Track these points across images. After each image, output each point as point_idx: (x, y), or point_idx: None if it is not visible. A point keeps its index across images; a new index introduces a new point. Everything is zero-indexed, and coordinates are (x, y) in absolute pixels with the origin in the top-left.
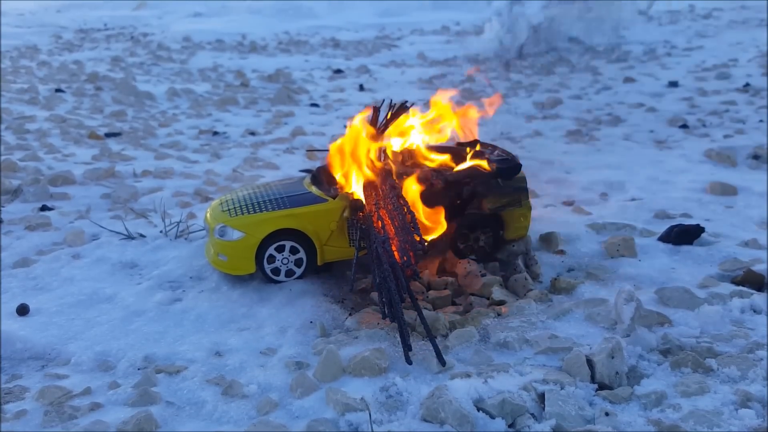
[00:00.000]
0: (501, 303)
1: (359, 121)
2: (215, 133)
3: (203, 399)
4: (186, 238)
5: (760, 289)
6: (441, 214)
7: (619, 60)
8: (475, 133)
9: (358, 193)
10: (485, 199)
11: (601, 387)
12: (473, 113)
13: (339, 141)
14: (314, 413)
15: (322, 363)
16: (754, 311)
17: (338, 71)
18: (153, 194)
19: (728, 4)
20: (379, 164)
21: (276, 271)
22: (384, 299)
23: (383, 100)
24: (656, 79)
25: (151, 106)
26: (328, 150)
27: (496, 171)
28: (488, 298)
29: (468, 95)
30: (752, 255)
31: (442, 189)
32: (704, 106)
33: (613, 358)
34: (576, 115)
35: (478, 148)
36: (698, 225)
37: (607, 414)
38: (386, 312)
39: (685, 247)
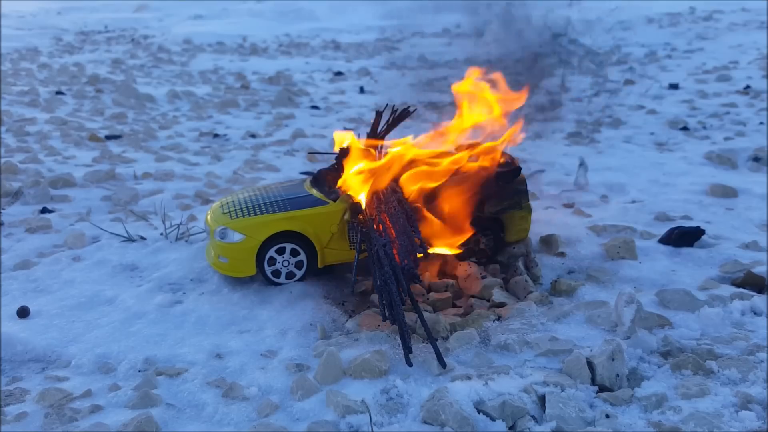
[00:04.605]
0: (501, 305)
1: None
2: (216, 136)
3: (204, 401)
4: (186, 241)
5: (760, 291)
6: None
7: (620, 62)
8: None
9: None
10: (486, 202)
11: (602, 389)
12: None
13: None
14: (315, 415)
15: (323, 365)
16: (755, 313)
17: (339, 73)
18: (153, 196)
19: (728, 6)
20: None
21: (276, 273)
22: (384, 301)
23: (386, 105)
24: (657, 81)
25: (152, 109)
26: (328, 152)
27: (497, 174)
28: (489, 300)
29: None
30: (753, 257)
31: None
32: (705, 109)
33: (613, 360)
34: (576, 117)
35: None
36: (699, 227)
37: (607, 416)
38: (387, 314)
39: (685, 249)
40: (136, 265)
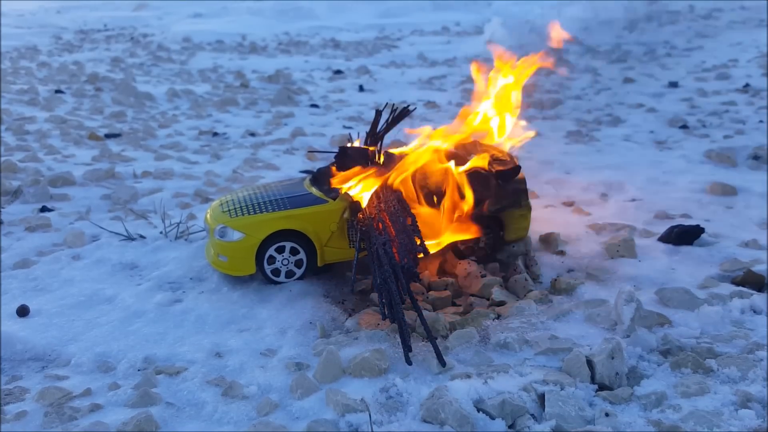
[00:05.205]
0: (501, 304)
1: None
2: (215, 134)
3: (203, 400)
4: (186, 239)
5: (760, 290)
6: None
7: (619, 60)
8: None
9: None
10: (485, 201)
11: (601, 387)
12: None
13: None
14: (314, 414)
15: (322, 364)
16: (754, 312)
17: (338, 72)
18: (153, 195)
19: (728, 5)
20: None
21: (276, 272)
22: (384, 300)
23: (386, 104)
24: (656, 80)
25: (151, 107)
26: (328, 151)
27: (496, 173)
28: (488, 299)
29: (468, 96)
30: (752, 255)
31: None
32: (704, 107)
33: (613, 358)
34: (576, 116)
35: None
36: (698, 225)
37: (607, 414)
38: (386, 313)
39: (685, 248)
40: (135, 264)
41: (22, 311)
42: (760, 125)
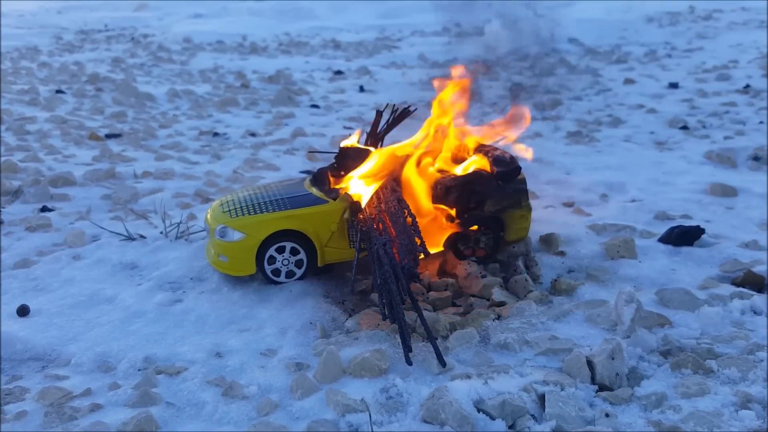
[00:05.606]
0: (501, 304)
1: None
2: (216, 134)
3: (203, 400)
4: (186, 239)
5: (760, 291)
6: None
7: (620, 61)
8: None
9: (360, 195)
10: (485, 201)
11: (602, 388)
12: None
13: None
14: (314, 414)
15: (323, 364)
16: (755, 312)
17: (339, 72)
18: (153, 195)
19: (728, 6)
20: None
21: (276, 272)
22: (384, 300)
23: (387, 104)
24: (656, 81)
25: (152, 107)
26: (328, 151)
27: (497, 174)
28: (488, 300)
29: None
30: (752, 256)
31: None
32: (704, 108)
33: (613, 359)
34: (576, 117)
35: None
36: (698, 226)
37: (607, 415)
38: (386, 313)
39: (685, 249)
40: (135, 264)
41: (23, 311)
42: (761, 126)
